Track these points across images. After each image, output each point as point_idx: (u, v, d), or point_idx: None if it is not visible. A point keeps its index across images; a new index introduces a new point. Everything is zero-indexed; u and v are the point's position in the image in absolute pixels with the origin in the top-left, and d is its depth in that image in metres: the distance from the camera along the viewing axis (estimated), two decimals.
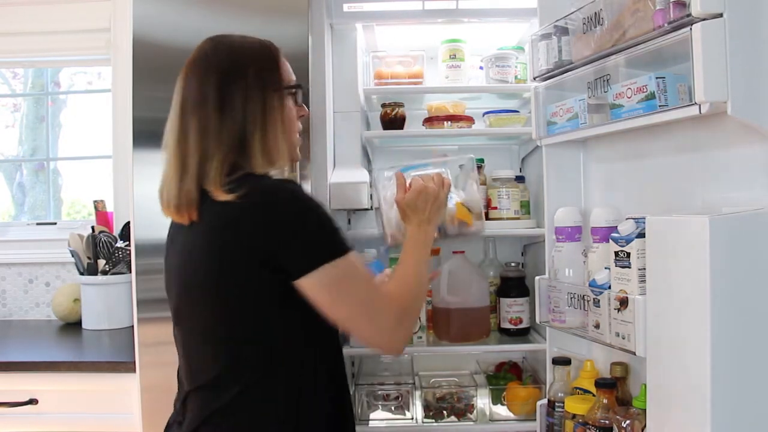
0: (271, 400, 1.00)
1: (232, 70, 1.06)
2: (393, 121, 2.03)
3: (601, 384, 1.16)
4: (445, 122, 2.00)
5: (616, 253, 1.10)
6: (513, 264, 2.03)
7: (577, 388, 1.30)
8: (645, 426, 1.05)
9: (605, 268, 1.15)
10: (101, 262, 2.17)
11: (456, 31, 2.00)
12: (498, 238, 2.09)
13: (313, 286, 0.98)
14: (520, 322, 1.93)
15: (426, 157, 2.28)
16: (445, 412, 1.87)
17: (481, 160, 2.00)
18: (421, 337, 1.88)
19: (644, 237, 1.02)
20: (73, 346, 2.00)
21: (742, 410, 0.89)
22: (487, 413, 1.89)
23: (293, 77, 1.14)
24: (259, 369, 1.00)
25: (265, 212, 0.98)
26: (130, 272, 1.79)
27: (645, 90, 1.03)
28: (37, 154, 2.66)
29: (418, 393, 1.92)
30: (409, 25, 1.98)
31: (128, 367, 1.70)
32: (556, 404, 1.31)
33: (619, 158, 1.32)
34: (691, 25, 0.93)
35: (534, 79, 1.42)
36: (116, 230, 2.29)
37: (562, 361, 1.34)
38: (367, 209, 1.81)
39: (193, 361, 1.09)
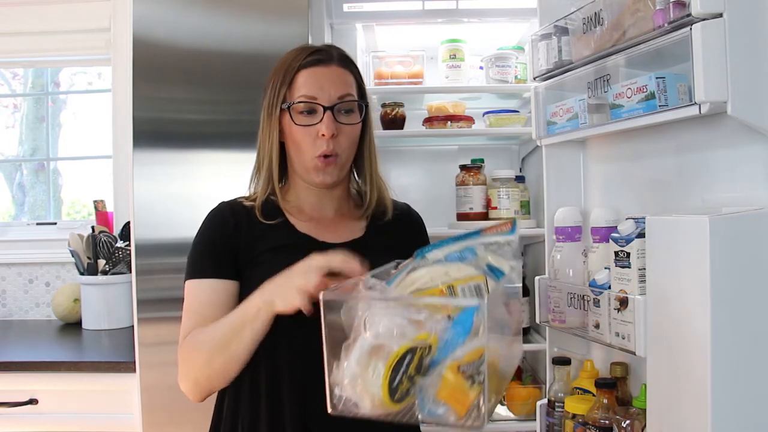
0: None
1: (266, 81, 1.14)
2: (393, 121, 2.03)
3: (601, 384, 1.16)
4: (446, 122, 2.00)
5: (616, 253, 1.09)
6: None
7: (577, 388, 1.29)
8: (645, 426, 1.05)
9: (605, 268, 1.15)
10: (101, 262, 2.17)
11: (456, 31, 2.00)
12: None
13: None
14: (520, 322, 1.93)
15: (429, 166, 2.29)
16: None
17: (481, 160, 2.00)
18: None
19: (644, 237, 1.02)
20: (73, 346, 2.00)
21: (742, 410, 0.89)
22: None
23: (302, 93, 1.08)
24: None
25: None
26: (130, 272, 1.79)
27: (645, 90, 1.03)
28: (37, 154, 2.66)
29: None
30: (409, 25, 1.98)
31: (128, 367, 1.70)
32: (556, 404, 1.31)
33: (619, 158, 1.32)
34: (691, 25, 0.93)
35: (534, 79, 1.42)
36: (116, 230, 2.29)
37: (562, 361, 1.34)
38: None
39: None
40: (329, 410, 0.77)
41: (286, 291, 0.91)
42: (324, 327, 0.77)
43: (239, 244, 1.09)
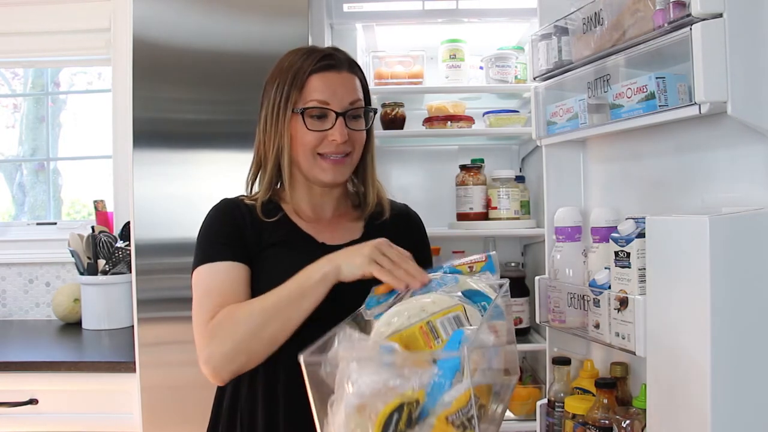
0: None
1: (266, 81, 1.14)
2: (393, 121, 2.03)
3: (601, 384, 1.16)
4: (446, 122, 2.00)
5: (616, 253, 1.09)
6: (513, 264, 2.03)
7: (577, 388, 1.29)
8: (645, 426, 1.05)
9: (605, 268, 1.15)
10: (101, 262, 2.17)
11: (456, 31, 2.00)
12: (498, 238, 2.09)
13: None
14: (520, 322, 1.93)
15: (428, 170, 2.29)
16: None
17: (481, 160, 2.00)
18: None
19: (644, 237, 1.02)
20: (73, 346, 2.00)
21: (741, 410, 0.89)
22: None
23: (315, 97, 1.08)
24: None
25: None
26: (130, 272, 1.79)
27: (645, 90, 1.03)
28: (37, 154, 2.66)
29: None
30: (409, 25, 1.98)
31: (128, 367, 1.70)
32: (556, 404, 1.31)
33: (619, 158, 1.32)
34: (691, 25, 0.93)
35: (534, 79, 1.42)
36: (116, 230, 2.29)
37: (561, 361, 1.34)
38: None
39: None
40: None
41: (353, 258, 0.95)
42: (309, 387, 0.74)
43: (247, 236, 1.10)
